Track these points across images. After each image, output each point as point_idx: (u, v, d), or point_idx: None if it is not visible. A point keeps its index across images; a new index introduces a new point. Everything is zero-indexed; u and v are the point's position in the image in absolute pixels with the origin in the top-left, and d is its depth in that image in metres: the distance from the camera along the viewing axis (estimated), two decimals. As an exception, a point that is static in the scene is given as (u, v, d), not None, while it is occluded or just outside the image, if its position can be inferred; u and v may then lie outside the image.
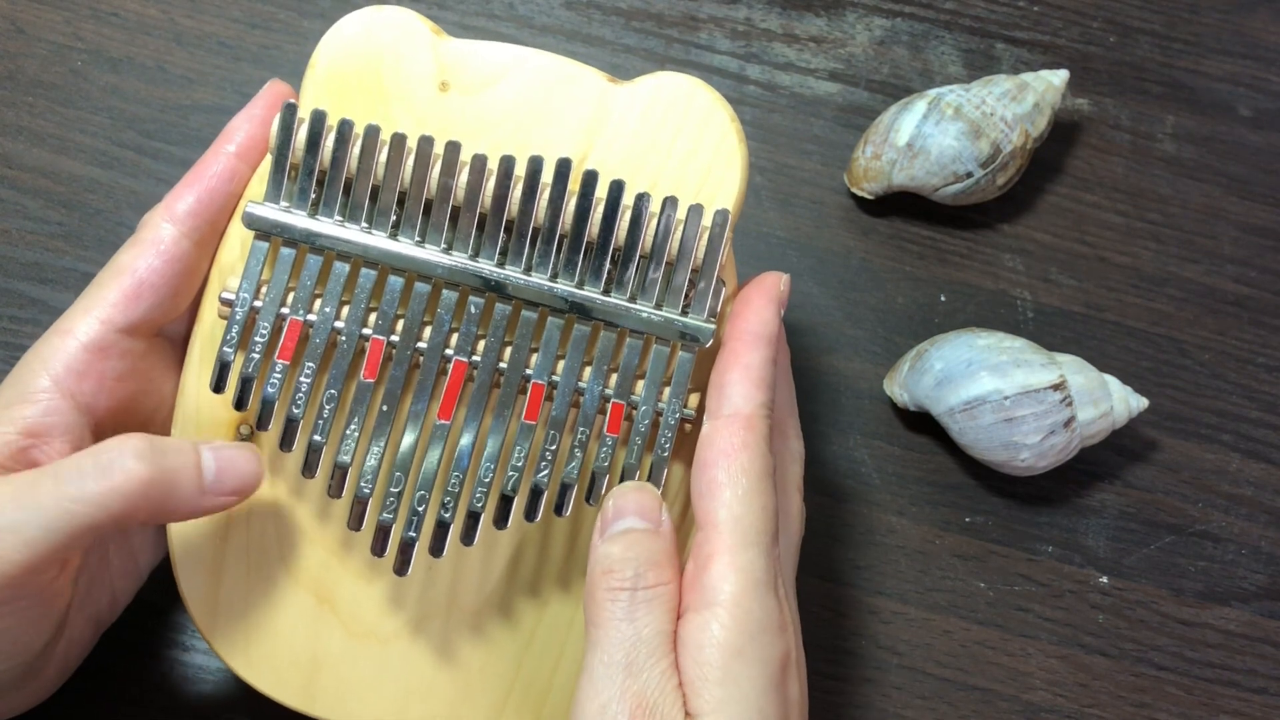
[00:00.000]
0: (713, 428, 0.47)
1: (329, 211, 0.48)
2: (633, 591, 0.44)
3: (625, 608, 0.44)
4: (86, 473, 0.43)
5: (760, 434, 0.46)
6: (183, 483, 0.45)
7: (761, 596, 0.44)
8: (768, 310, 0.49)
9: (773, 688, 0.44)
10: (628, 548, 0.45)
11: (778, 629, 0.45)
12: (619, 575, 0.45)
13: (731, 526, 0.45)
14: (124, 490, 0.43)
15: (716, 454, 0.46)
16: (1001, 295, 0.66)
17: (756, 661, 0.44)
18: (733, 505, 0.45)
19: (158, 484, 0.44)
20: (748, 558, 0.45)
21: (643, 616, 0.44)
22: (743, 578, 0.44)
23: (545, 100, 0.50)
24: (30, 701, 0.50)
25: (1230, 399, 0.65)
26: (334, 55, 0.50)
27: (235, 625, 0.50)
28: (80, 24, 0.67)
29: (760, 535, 0.45)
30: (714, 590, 0.44)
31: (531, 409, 0.48)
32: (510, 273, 0.48)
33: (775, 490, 0.47)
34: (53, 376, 0.47)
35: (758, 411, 0.47)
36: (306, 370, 0.48)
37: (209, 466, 0.46)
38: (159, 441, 0.45)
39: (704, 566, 0.45)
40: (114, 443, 0.44)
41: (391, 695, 0.51)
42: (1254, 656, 0.61)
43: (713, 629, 0.44)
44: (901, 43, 0.70)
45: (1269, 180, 0.69)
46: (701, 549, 0.45)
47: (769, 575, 0.45)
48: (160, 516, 0.45)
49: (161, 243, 0.49)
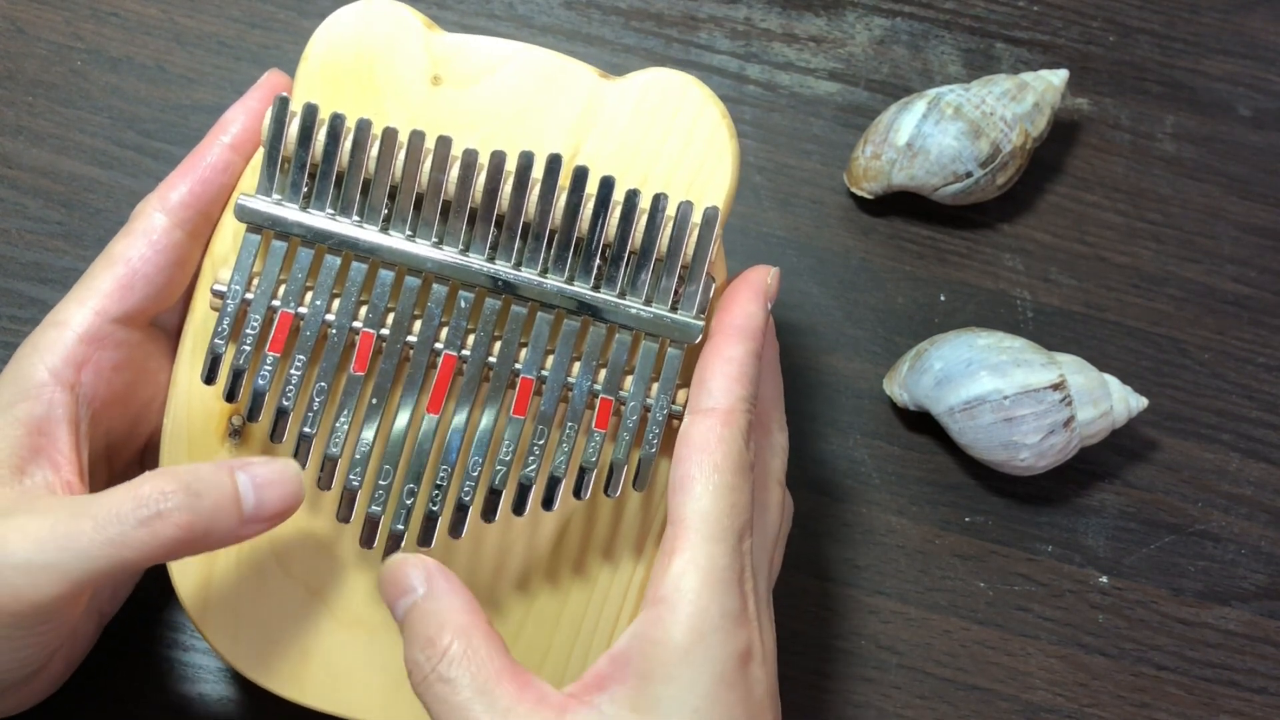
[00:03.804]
0: (690, 422, 0.47)
1: (321, 205, 0.48)
2: (427, 678, 0.44)
3: (434, 695, 0.43)
4: (125, 519, 0.42)
5: (738, 429, 0.46)
6: (222, 519, 0.44)
7: (720, 593, 0.44)
8: (753, 304, 0.48)
9: (723, 686, 0.43)
10: (410, 635, 0.45)
11: (736, 624, 0.44)
12: (416, 671, 0.44)
13: (698, 522, 0.45)
14: (164, 537, 0.42)
15: (691, 449, 0.46)
16: (1001, 295, 0.66)
17: (705, 660, 0.43)
18: (702, 500, 0.45)
19: (198, 527, 0.43)
20: (710, 553, 0.44)
21: (450, 690, 0.43)
22: (702, 574, 0.44)
23: (537, 95, 0.50)
24: (36, 697, 0.50)
25: (1230, 399, 0.65)
26: (327, 48, 0.50)
27: (227, 615, 0.51)
28: (80, 24, 0.67)
29: (726, 531, 0.45)
30: (670, 586, 0.44)
31: (520, 403, 0.48)
32: (500, 267, 0.48)
33: (750, 485, 0.46)
34: (50, 369, 0.48)
35: (737, 406, 0.47)
36: (297, 363, 0.48)
37: (247, 497, 0.44)
38: (195, 480, 0.44)
39: (666, 562, 0.45)
40: (152, 487, 0.43)
41: (381, 684, 0.51)
42: (1254, 656, 0.60)
43: (663, 625, 0.44)
44: (901, 42, 0.70)
45: (1269, 180, 0.69)
46: (667, 544, 0.45)
47: (732, 571, 0.45)
48: (199, 551, 0.45)
49: (154, 233, 0.49)
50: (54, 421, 0.47)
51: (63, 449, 0.47)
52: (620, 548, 0.50)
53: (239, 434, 0.50)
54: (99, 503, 0.43)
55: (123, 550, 0.42)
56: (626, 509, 0.51)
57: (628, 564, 0.50)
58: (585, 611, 0.51)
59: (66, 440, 0.47)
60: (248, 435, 0.50)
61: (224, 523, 0.44)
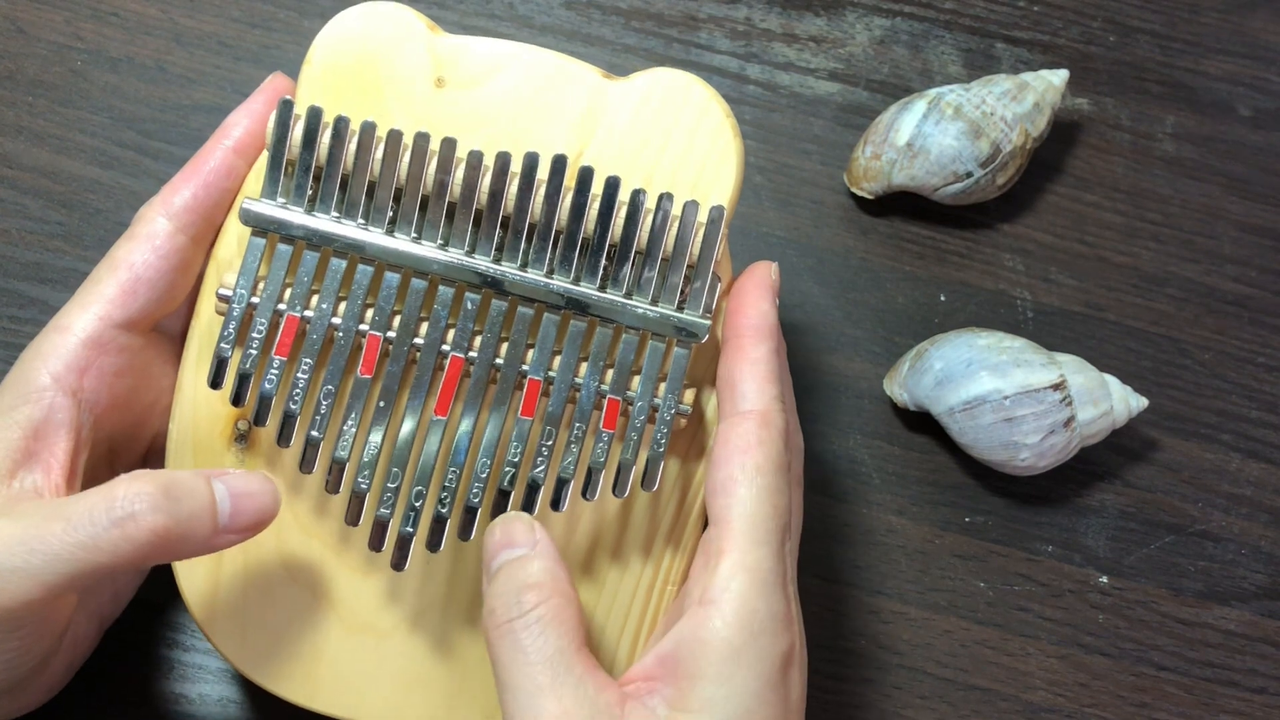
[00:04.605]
0: (728, 425, 0.47)
1: (325, 208, 0.48)
2: (511, 623, 0.44)
3: (511, 641, 0.44)
4: (98, 520, 0.42)
5: (776, 429, 0.46)
6: (197, 527, 0.44)
7: (768, 595, 0.44)
8: (764, 302, 0.49)
9: (769, 688, 0.44)
10: (502, 583, 0.45)
11: (783, 626, 0.45)
12: (499, 613, 0.44)
13: (744, 524, 0.45)
14: (136, 540, 0.42)
15: (731, 450, 0.46)
16: (1001, 295, 0.66)
17: (754, 661, 0.43)
18: (746, 502, 0.45)
19: (172, 532, 0.43)
20: (757, 556, 0.45)
21: (532, 642, 0.43)
22: (750, 576, 0.44)
23: (541, 96, 0.50)
24: (38, 699, 0.50)
25: (1230, 399, 0.65)
26: (330, 51, 0.50)
27: (234, 620, 0.50)
28: (80, 24, 0.67)
29: (771, 534, 0.45)
30: (719, 588, 0.44)
31: (528, 405, 0.48)
32: (506, 269, 0.48)
33: (789, 487, 0.47)
34: (53, 374, 0.47)
35: (772, 406, 0.47)
36: (304, 366, 0.48)
37: (223, 507, 0.44)
38: (173, 484, 0.43)
39: (712, 562, 0.45)
40: (126, 489, 0.43)
41: (390, 689, 0.51)
42: (1254, 656, 0.61)
43: (713, 626, 0.44)
44: (901, 42, 0.70)
45: (1269, 180, 0.69)
46: (711, 544, 0.45)
47: (777, 574, 0.45)
48: (171, 558, 0.45)
49: (157, 238, 0.49)
50: (53, 426, 0.47)
51: (58, 454, 0.47)
52: (629, 548, 0.50)
53: (245, 438, 0.50)
54: (73, 504, 0.42)
55: (94, 554, 0.42)
56: (635, 509, 0.51)
57: (637, 564, 0.50)
58: (594, 612, 0.51)
59: (64, 445, 0.47)
60: (254, 440, 0.50)
61: (198, 530, 0.44)
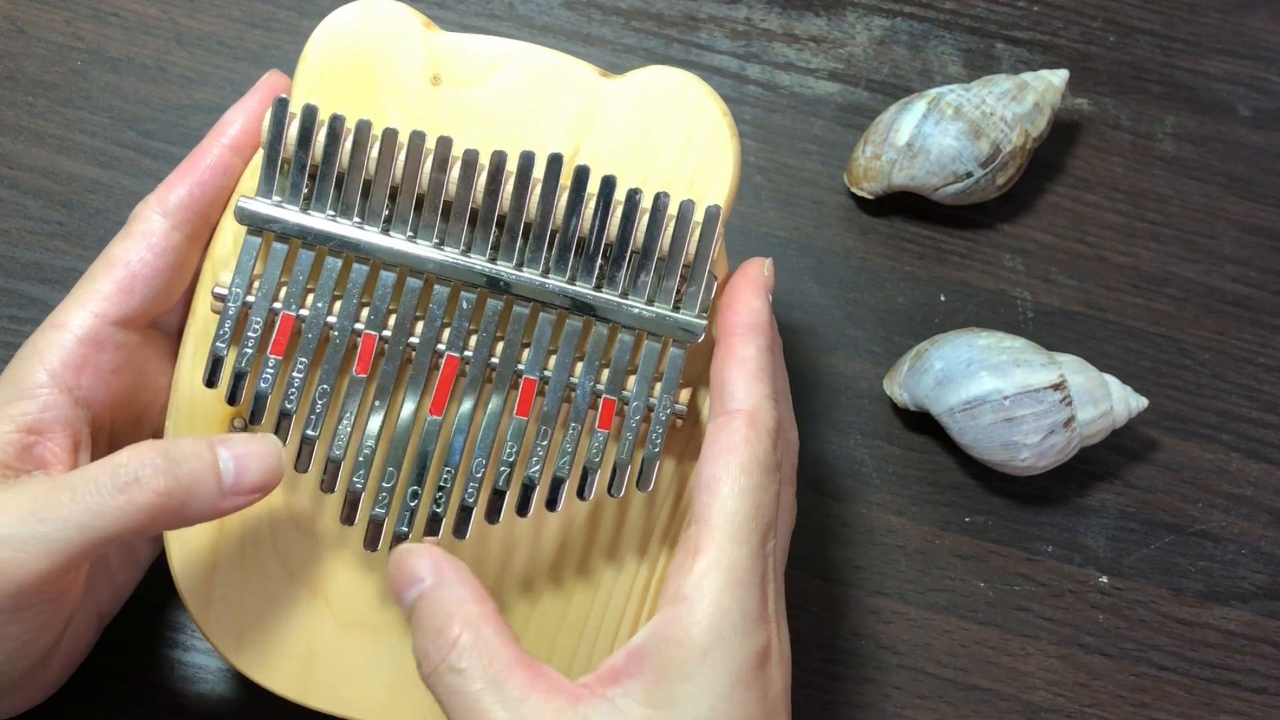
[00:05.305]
0: (716, 424, 0.46)
1: (321, 206, 0.48)
2: (446, 662, 0.43)
3: (451, 682, 0.43)
4: (104, 488, 0.43)
5: (765, 428, 0.46)
6: (202, 489, 0.44)
7: (741, 593, 0.44)
8: (756, 299, 0.48)
9: (739, 685, 0.43)
10: (420, 624, 0.45)
11: (756, 624, 0.44)
12: (432, 656, 0.44)
13: (723, 523, 0.45)
14: (142, 504, 0.43)
15: (718, 450, 0.46)
16: (1001, 295, 0.66)
17: (721, 659, 0.43)
18: (727, 501, 0.45)
19: (176, 494, 0.43)
20: (733, 554, 0.44)
21: (463, 679, 0.43)
22: (725, 574, 0.44)
23: (537, 94, 0.50)
24: (36, 698, 0.50)
25: (1230, 399, 0.65)
26: (326, 48, 0.50)
27: (230, 617, 0.51)
28: (80, 24, 0.67)
29: (751, 533, 0.45)
30: (692, 585, 0.44)
31: (523, 404, 0.48)
32: (502, 268, 0.48)
33: (776, 486, 0.46)
34: (49, 371, 0.48)
35: (761, 405, 0.46)
36: (299, 365, 0.48)
37: (227, 468, 0.45)
38: (175, 448, 0.44)
39: (689, 560, 0.44)
40: (130, 455, 0.44)
41: (385, 686, 0.51)
42: (1254, 656, 0.60)
43: (682, 623, 0.43)
44: (901, 42, 0.70)
45: (1269, 180, 0.69)
46: (689, 543, 0.45)
47: (754, 573, 0.45)
48: (179, 523, 0.45)
49: (153, 235, 0.49)
50: (49, 423, 0.47)
51: (55, 450, 0.47)
52: (624, 548, 0.50)
53: None
54: (77, 475, 0.43)
55: (102, 519, 0.42)
56: (630, 509, 0.51)
57: (632, 564, 0.50)
58: (589, 612, 0.51)
59: (61, 442, 0.47)
60: None
61: (203, 493, 0.44)
